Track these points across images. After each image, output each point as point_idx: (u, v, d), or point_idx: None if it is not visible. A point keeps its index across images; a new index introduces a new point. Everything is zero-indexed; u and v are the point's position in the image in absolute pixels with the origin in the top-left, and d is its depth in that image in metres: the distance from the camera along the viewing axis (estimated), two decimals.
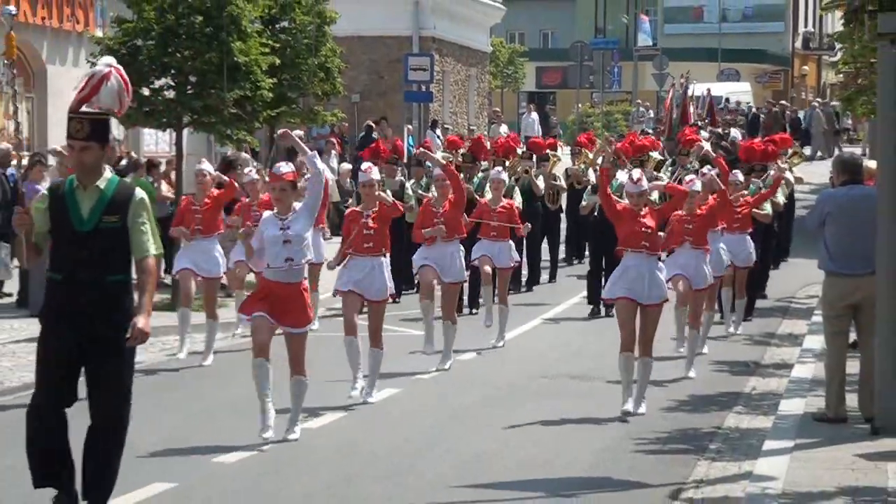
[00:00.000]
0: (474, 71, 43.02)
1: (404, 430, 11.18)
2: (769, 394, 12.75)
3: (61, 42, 24.96)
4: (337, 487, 9.21)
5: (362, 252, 12.21)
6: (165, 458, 9.78)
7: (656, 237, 11.84)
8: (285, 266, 10.43)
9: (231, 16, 18.83)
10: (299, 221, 10.59)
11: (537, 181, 20.10)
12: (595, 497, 8.96)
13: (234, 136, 20.13)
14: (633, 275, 11.60)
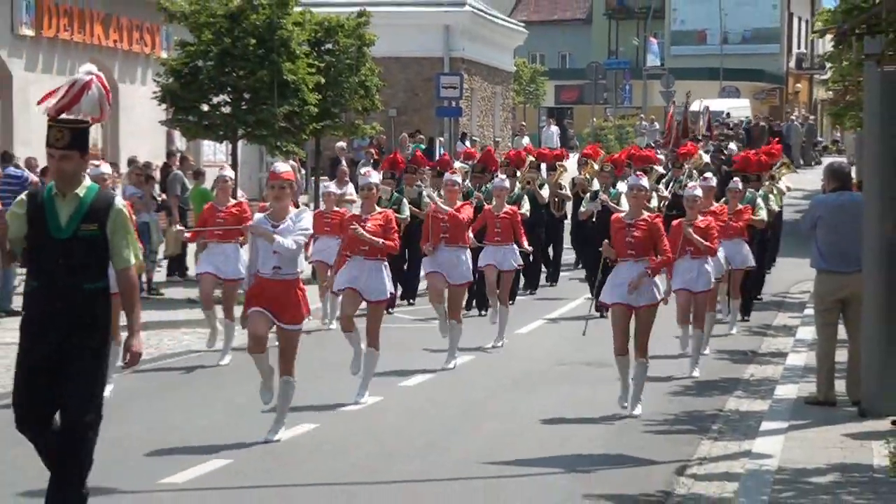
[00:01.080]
0: (499, 88, 43.01)
1: (434, 413, 11.19)
2: (766, 380, 12.72)
3: (131, 63, 25.08)
4: (378, 463, 9.23)
5: (360, 254, 11.44)
6: (219, 439, 9.79)
7: (644, 245, 10.95)
8: (271, 273, 9.65)
9: (281, 39, 18.92)
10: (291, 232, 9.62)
11: (541, 190, 19.41)
12: (608, 473, 8.95)
13: (284, 148, 20.21)
14: (624, 281, 10.88)
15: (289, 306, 9.60)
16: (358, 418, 10.79)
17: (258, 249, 9.75)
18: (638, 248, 10.94)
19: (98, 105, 6.94)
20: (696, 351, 13.19)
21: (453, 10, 37.96)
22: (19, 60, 22.22)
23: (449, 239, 13.29)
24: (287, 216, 9.70)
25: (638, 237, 10.94)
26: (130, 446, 9.39)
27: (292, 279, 9.67)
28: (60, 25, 22.96)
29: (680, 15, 63.09)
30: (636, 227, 11.01)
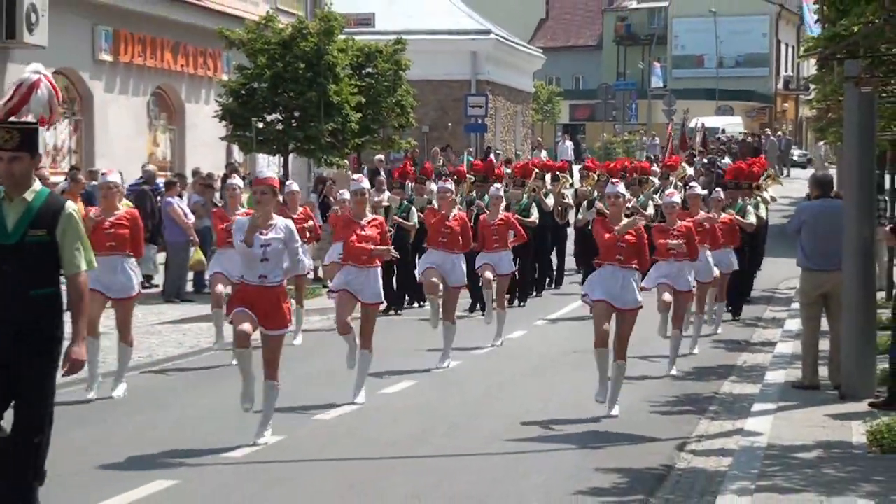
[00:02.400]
0: (520, 107, 42.95)
1: (462, 394, 11.17)
2: (757, 366, 12.64)
3: (196, 84, 25.15)
4: (412, 440, 9.23)
5: (361, 264, 10.50)
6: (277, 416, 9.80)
7: (630, 252, 10.07)
8: (257, 282, 8.72)
9: (328, 63, 18.95)
10: (279, 240, 8.72)
11: (546, 199, 18.64)
12: (617, 448, 8.92)
13: (329, 161, 20.25)
14: (607, 280, 10.05)
15: (273, 313, 8.71)
16: (391, 400, 10.80)
17: (245, 257, 8.75)
18: (626, 254, 10.06)
19: (48, 105, 6.28)
20: (674, 350, 12.22)
21: (479, 38, 37.98)
22: (99, 83, 22.32)
23: (447, 244, 12.58)
24: (272, 223, 8.73)
25: (629, 242, 10.09)
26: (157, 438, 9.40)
27: (277, 287, 8.77)
28: (135, 52, 23.06)
29: (681, 42, 62.98)
30: (628, 233, 10.14)
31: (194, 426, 9.41)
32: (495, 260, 13.97)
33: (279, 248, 8.70)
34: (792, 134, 58.06)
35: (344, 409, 10.16)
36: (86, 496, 7.28)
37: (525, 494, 7.58)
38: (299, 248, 9.00)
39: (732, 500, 6.99)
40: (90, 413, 10.08)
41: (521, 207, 16.46)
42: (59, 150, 21.83)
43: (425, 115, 33.52)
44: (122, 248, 10.64)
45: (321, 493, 7.59)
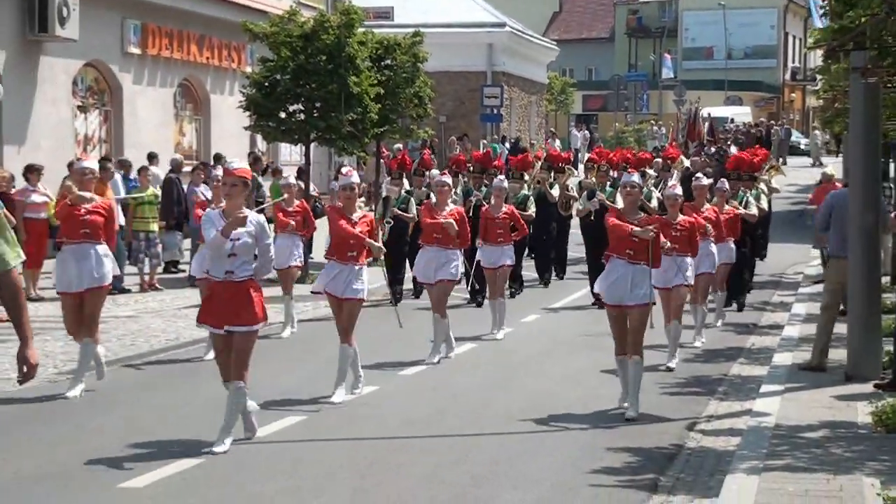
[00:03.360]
0: (534, 98, 42.85)
1: (478, 376, 11.17)
2: (765, 349, 12.61)
3: (221, 76, 25.17)
4: (432, 417, 9.24)
5: (346, 261, 9.74)
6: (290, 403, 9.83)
7: (641, 247, 9.35)
8: (223, 277, 8.06)
9: (348, 56, 18.89)
10: (247, 234, 8.07)
11: (552, 190, 17.96)
12: (628, 428, 8.91)
13: (349, 150, 20.22)
14: (616, 277, 9.36)
15: (241, 309, 8.04)
16: (409, 382, 10.80)
17: (212, 252, 8.15)
18: (637, 248, 9.34)
19: None
20: (673, 342, 11.62)
21: (495, 31, 37.91)
22: (128, 75, 22.36)
23: (441, 240, 11.81)
24: (241, 216, 8.05)
25: (641, 238, 9.33)
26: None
27: (245, 281, 8.09)
28: (162, 45, 23.08)
29: (691, 34, 62.71)
30: (639, 224, 9.41)
31: (218, 407, 9.42)
32: (498, 253, 13.36)
33: (248, 242, 8.08)
34: (799, 124, 57.77)
35: (365, 389, 10.16)
36: (114, 475, 7.30)
37: (539, 473, 7.58)
38: (270, 245, 8.33)
39: (742, 478, 6.97)
40: (117, 394, 10.12)
41: (519, 200, 15.80)
42: (89, 139, 21.89)
43: (442, 106, 33.48)
44: (95, 235, 10.11)
45: (342, 470, 7.60)
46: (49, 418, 9.07)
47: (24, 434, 8.59)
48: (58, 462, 7.69)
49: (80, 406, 9.55)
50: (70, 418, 9.11)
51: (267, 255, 8.26)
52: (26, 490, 7.06)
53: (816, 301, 15.57)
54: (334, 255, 9.84)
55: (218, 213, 8.13)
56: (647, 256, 9.37)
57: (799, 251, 22.33)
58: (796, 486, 6.77)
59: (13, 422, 8.97)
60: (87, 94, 21.81)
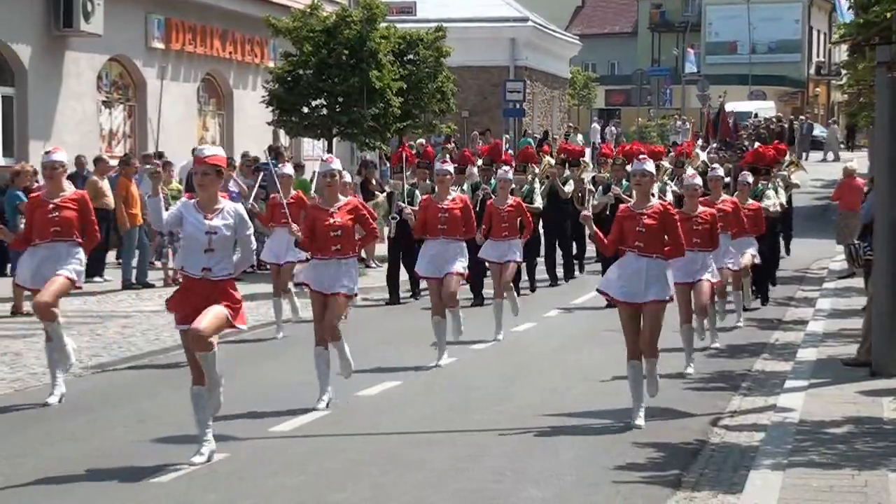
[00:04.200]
0: (557, 92, 42.77)
1: (499, 370, 11.14)
2: (789, 344, 12.51)
3: (244, 71, 25.23)
4: (453, 413, 9.22)
5: (329, 255, 9.00)
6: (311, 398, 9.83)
7: (654, 236, 8.66)
8: (200, 275, 7.31)
9: (370, 50, 18.91)
10: (225, 226, 7.33)
11: (564, 185, 17.25)
12: (651, 424, 8.83)
13: (371, 145, 20.22)
14: (629, 272, 8.65)
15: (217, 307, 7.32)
16: (432, 376, 10.78)
17: (185, 240, 7.41)
18: (647, 240, 8.62)
19: None
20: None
21: (517, 26, 37.87)
22: (152, 70, 22.43)
23: (447, 231, 11.15)
24: (218, 207, 7.37)
25: (649, 225, 8.63)
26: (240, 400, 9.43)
27: (224, 280, 7.39)
28: (185, 40, 23.14)
29: (714, 28, 62.39)
30: (646, 216, 8.67)
31: (244, 399, 9.43)
32: (504, 248, 12.61)
33: (227, 235, 7.32)
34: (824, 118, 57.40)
35: (386, 384, 10.16)
36: (140, 469, 7.31)
37: (561, 468, 7.54)
38: (251, 236, 7.56)
39: (765, 474, 6.91)
40: (143, 389, 10.13)
41: (524, 194, 15.08)
42: (114, 134, 21.97)
43: (465, 101, 33.46)
44: (68, 233, 9.21)
45: (363, 465, 7.58)
46: (70, 412, 9.09)
47: (47, 428, 8.61)
48: (83, 455, 7.70)
49: (104, 400, 9.57)
50: (95, 411, 9.13)
51: (248, 246, 7.54)
52: (52, 483, 7.07)
53: (841, 296, 15.48)
54: (317, 253, 9.08)
55: (192, 204, 7.37)
56: (659, 247, 8.66)
57: (822, 246, 22.18)
58: (820, 482, 6.70)
59: (38, 416, 9.00)
60: (112, 89, 21.90)
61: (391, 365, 10.78)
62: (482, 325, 12.79)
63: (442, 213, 11.11)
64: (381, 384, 10.17)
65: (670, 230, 8.75)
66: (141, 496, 6.83)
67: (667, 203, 9.10)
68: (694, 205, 11.18)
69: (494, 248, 12.67)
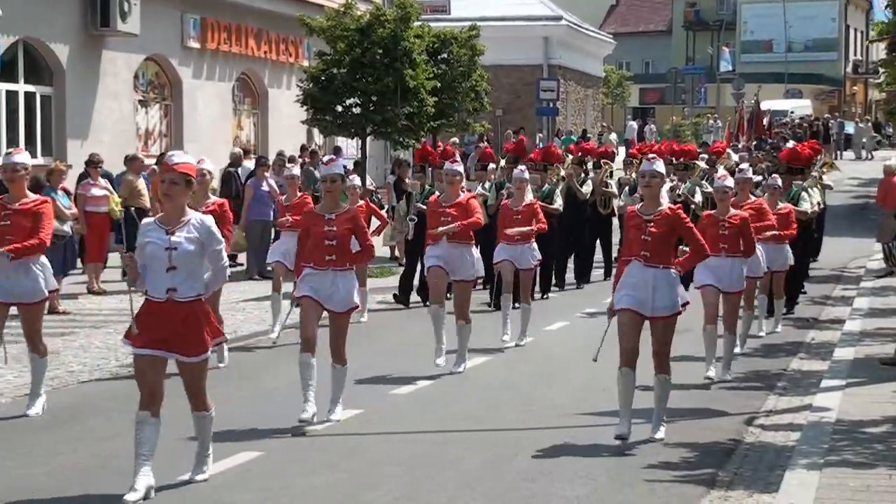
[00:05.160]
0: (590, 91, 42.63)
1: (532, 370, 11.08)
2: (826, 343, 12.39)
3: (278, 71, 25.31)
4: (486, 412, 9.19)
5: (323, 265, 8.35)
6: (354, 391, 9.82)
7: (661, 243, 8.01)
8: (164, 298, 6.57)
9: (404, 49, 18.90)
10: (190, 242, 6.59)
11: (582, 187, 16.65)
12: (685, 423, 8.78)
13: (405, 144, 20.23)
14: (637, 283, 8.00)
15: (188, 335, 6.63)
16: (465, 376, 10.75)
17: (147, 260, 6.63)
18: (653, 248, 7.97)
19: None
20: (728, 353, 10.43)
21: (551, 24, 37.80)
22: (187, 69, 22.54)
23: (455, 234, 10.48)
24: (184, 219, 6.63)
25: (654, 233, 7.94)
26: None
27: (192, 301, 6.64)
28: (221, 39, 23.25)
29: (749, 27, 62.03)
30: (653, 223, 7.97)
31: (277, 399, 9.45)
32: (517, 252, 11.89)
33: (190, 251, 6.57)
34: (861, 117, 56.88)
35: (420, 383, 10.15)
36: (175, 468, 7.33)
37: (594, 467, 7.49)
38: (222, 251, 6.80)
39: (801, 474, 6.83)
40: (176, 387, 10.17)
41: (544, 195, 14.51)
42: (150, 133, 22.10)
43: (498, 99, 33.39)
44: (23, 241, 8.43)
45: (396, 464, 7.57)
46: (108, 409, 9.14)
47: (84, 425, 8.66)
48: (118, 452, 7.73)
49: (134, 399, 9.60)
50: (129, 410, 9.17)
51: (218, 263, 6.74)
52: (93, 477, 7.11)
53: (878, 295, 15.32)
54: (310, 261, 8.39)
55: (154, 222, 6.70)
56: (667, 257, 8.02)
57: (860, 245, 21.98)
58: (857, 482, 6.63)
59: (74, 413, 9.05)
60: (148, 88, 22.03)
61: (423, 365, 10.75)
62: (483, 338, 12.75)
63: (445, 216, 10.46)
64: (414, 384, 10.15)
65: (686, 235, 8.15)
66: (174, 496, 6.84)
67: (675, 207, 8.41)
68: (725, 207, 10.46)
69: (507, 250, 11.95)
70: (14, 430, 8.45)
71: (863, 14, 62.20)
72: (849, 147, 45.87)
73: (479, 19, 25.96)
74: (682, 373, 10.54)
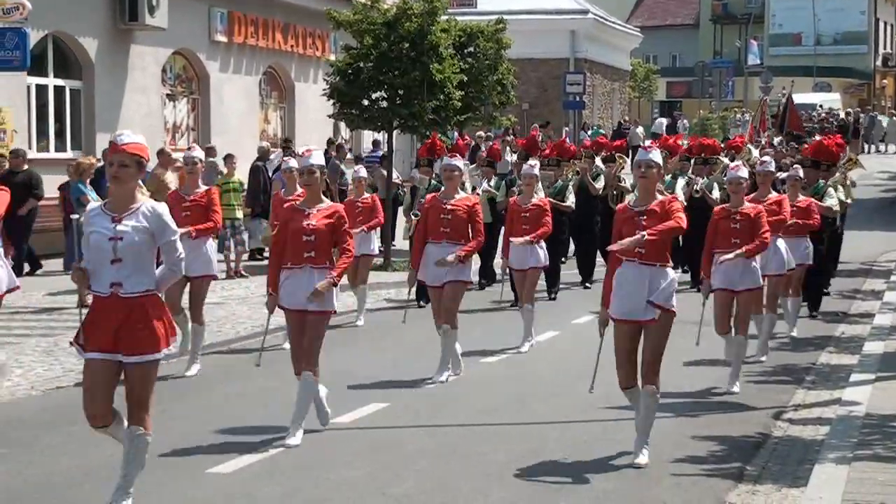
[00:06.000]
0: (617, 85, 42.48)
1: (558, 364, 11.07)
2: (855, 337, 12.30)
3: (305, 64, 25.35)
4: (512, 405, 9.19)
5: (300, 263, 7.75)
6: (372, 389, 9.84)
7: (656, 242, 7.24)
8: (108, 293, 5.88)
9: (431, 43, 18.87)
10: (137, 231, 5.88)
11: (595, 182, 16.08)
12: (713, 417, 8.75)
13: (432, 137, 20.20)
14: (629, 289, 7.28)
15: (135, 334, 5.90)
16: (492, 370, 10.76)
17: (90, 252, 5.97)
18: (648, 247, 7.21)
19: None
20: (737, 358, 9.72)
21: (578, 18, 37.68)
22: (215, 63, 22.62)
23: (450, 235, 9.79)
24: (133, 207, 5.92)
25: (649, 227, 7.20)
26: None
27: (141, 298, 5.93)
28: (248, 33, 23.31)
29: (778, 20, 61.62)
30: (646, 217, 7.22)
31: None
32: (524, 253, 11.42)
33: (136, 241, 5.88)
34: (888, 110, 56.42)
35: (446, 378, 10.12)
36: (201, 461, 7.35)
37: (622, 460, 7.48)
38: (177, 242, 6.05)
39: (830, 468, 6.79)
40: (202, 381, 10.22)
41: (556, 191, 14.05)
42: (178, 127, 22.19)
43: (525, 93, 33.35)
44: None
45: (424, 457, 7.58)
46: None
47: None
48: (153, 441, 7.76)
49: (164, 392, 9.65)
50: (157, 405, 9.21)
51: (172, 255, 6.04)
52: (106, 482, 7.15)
53: None
54: (288, 261, 7.82)
55: (100, 208, 6.01)
56: (664, 254, 7.29)
57: (889, 239, 21.82)
58: (887, 476, 6.58)
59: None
60: (176, 82, 22.12)
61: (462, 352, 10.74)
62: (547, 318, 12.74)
63: (445, 214, 9.76)
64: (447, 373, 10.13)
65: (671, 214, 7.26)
66: (203, 487, 6.87)
67: (671, 197, 7.62)
68: (738, 200, 9.67)
69: (514, 252, 11.42)
70: (74, 416, 8.52)
71: (892, 7, 61.68)
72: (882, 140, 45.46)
73: (506, 13, 25.87)
74: (710, 367, 10.51)
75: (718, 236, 9.61)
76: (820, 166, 13.79)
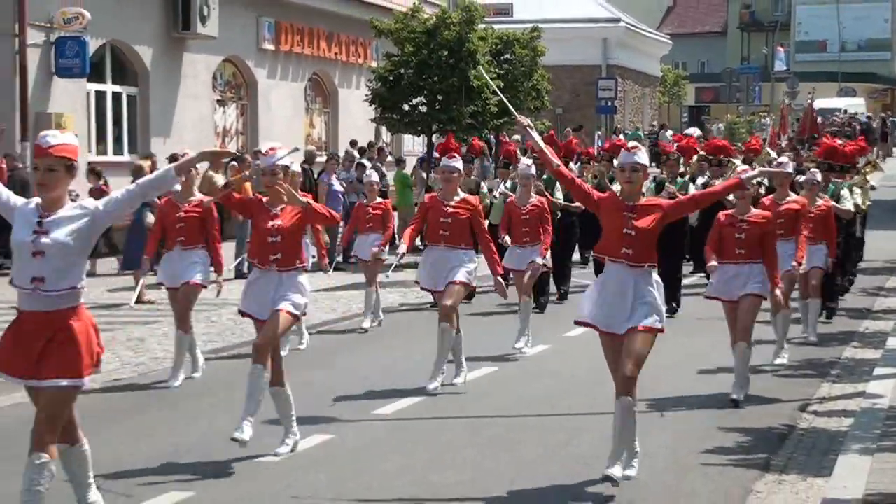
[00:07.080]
0: (648, 90, 42.31)
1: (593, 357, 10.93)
2: (879, 332, 12.17)
3: (348, 71, 25.44)
4: (548, 398, 9.17)
5: (266, 265, 7.11)
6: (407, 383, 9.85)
7: (644, 243, 6.41)
8: (30, 289, 5.00)
9: (469, 50, 18.91)
10: (66, 227, 5.07)
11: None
12: (740, 410, 8.68)
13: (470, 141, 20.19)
14: (612, 291, 6.42)
15: (52, 350, 4.99)
16: (525, 364, 10.73)
17: (14, 249, 5.18)
18: (636, 248, 6.39)
19: None
20: (742, 366, 8.93)
21: (610, 26, 37.59)
22: (262, 70, 22.75)
23: (449, 238, 9.14)
24: (62, 210, 5.11)
25: (639, 228, 6.39)
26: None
27: (64, 310, 5.03)
28: (294, 41, 23.43)
29: (804, 27, 61.15)
30: (636, 215, 6.43)
31: (348, 385, 9.50)
32: (524, 256, 10.94)
33: (68, 244, 5.06)
34: None
35: (479, 372, 10.10)
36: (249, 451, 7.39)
37: (652, 453, 7.43)
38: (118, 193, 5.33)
39: (854, 459, 6.73)
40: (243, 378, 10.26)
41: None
42: (227, 131, 22.33)
43: (559, 98, 33.31)
44: None
45: (461, 448, 7.57)
46: (194, 394, 9.25)
47: (170, 410, 8.78)
48: (200, 434, 7.83)
49: (202, 389, 9.72)
50: (201, 399, 9.29)
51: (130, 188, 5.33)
52: (168, 461, 7.20)
53: None
54: (254, 260, 7.24)
55: (33, 209, 5.14)
56: (651, 254, 6.45)
57: None
58: None
59: (162, 397, 9.18)
60: (226, 88, 22.26)
61: (486, 352, 10.74)
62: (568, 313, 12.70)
63: (445, 217, 9.11)
64: (478, 370, 10.13)
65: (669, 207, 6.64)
66: (250, 476, 6.90)
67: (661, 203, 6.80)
68: (744, 206, 8.88)
69: (514, 254, 10.98)
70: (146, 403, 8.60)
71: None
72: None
73: (541, 21, 25.86)
74: None
75: (722, 244, 8.92)
76: (834, 169, 13.08)
